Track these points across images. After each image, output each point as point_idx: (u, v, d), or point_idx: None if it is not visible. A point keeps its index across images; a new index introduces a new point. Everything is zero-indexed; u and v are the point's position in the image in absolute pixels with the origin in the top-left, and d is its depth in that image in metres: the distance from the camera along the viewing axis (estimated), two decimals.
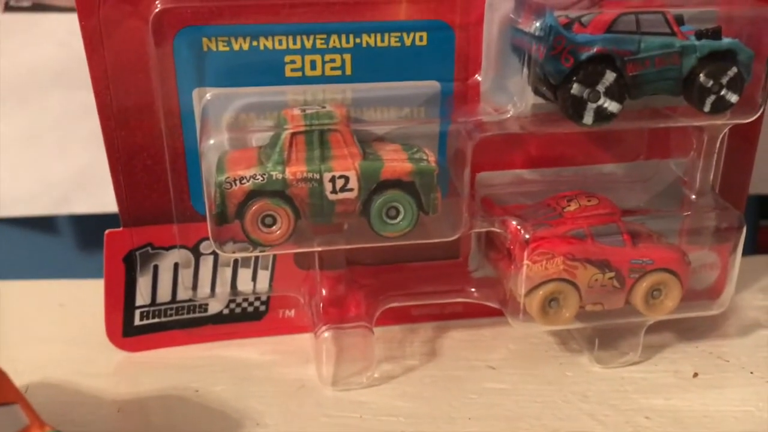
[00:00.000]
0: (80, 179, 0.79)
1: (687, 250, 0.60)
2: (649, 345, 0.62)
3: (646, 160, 0.62)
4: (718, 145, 0.58)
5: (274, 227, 0.52)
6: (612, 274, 0.57)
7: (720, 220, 0.58)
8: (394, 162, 0.53)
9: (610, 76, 0.51)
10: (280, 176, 0.51)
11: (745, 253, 0.78)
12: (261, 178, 0.51)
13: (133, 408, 0.57)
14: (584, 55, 0.51)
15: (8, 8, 0.76)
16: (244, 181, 0.51)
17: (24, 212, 0.82)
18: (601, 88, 0.51)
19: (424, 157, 0.54)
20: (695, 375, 0.60)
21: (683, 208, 0.60)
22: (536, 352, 0.63)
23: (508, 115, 0.54)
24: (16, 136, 0.79)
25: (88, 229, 0.85)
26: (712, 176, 0.59)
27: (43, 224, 0.84)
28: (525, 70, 0.53)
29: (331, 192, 0.52)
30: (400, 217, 0.54)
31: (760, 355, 0.62)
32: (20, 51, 0.77)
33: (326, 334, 0.57)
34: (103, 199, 0.78)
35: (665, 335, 0.64)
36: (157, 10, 0.52)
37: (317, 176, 0.52)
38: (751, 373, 0.60)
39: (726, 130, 0.57)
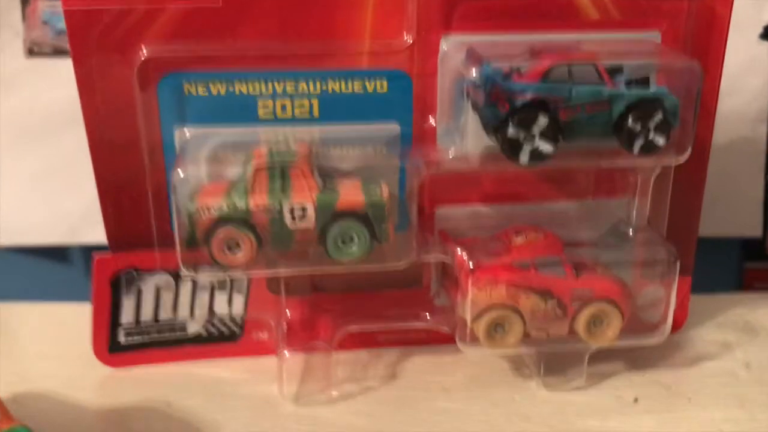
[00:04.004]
0: (90, 212, 0.86)
1: (640, 284, 0.64)
2: (598, 372, 0.66)
3: (594, 198, 0.67)
4: (651, 185, 0.62)
5: (238, 253, 0.58)
6: (554, 302, 0.61)
7: (654, 255, 0.62)
8: (349, 195, 0.58)
9: (543, 121, 0.56)
10: (243, 206, 0.57)
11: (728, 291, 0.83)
12: (226, 208, 0.57)
13: (113, 417, 0.62)
14: (519, 102, 0.56)
15: (31, 54, 0.84)
16: (212, 210, 0.57)
17: (37, 241, 0.88)
18: (535, 131, 0.57)
19: (378, 191, 0.59)
20: (635, 400, 0.63)
21: (624, 245, 0.64)
22: (489, 377, 0.67)
23: (450, 156, 0.59)
24: (33, 171, 0.86)
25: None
26: (648, 214, 0.63)
27: (55, 253, 0.91)
28: (470, 114, 0.58)
29: (291, 221, 0.58)
30: (355, 245, 0.59)
31: (701, 384, 0.65)
32: (40, 93, 0.84)
33: (286, 355, 0.62)
34: None
35: (616, 364, 0.68)
36: (143, 58, 0.59)
37: (278, 206, 0.57)
38: (689, 399, 0.63)
39: (658, 170, 0.62)
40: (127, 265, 0.65)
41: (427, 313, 0.66)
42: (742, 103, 0.86)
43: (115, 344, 0.67)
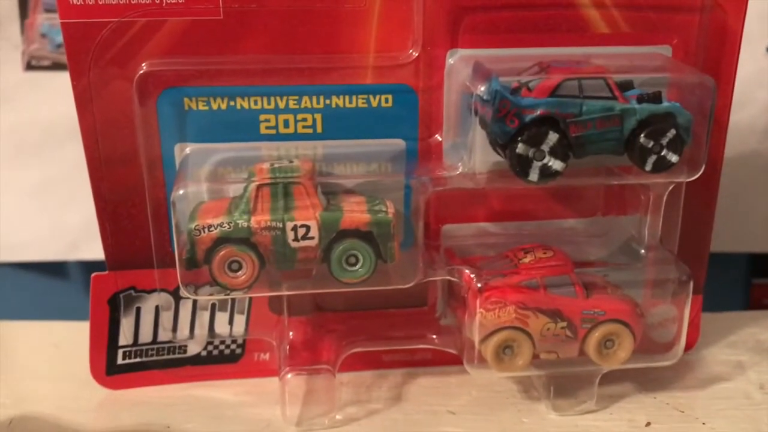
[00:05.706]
0: (90, 227, 0.84)
1: (650, 303, 0.62)
2: (609, 394, 0.65)
3: (604, 216, 0.65)
4: (663, 202, 0.61)
5: (239, 272, 0.56)
6: (564, 323, 0.59)
7: (666, 275, 0.61)
8: (354, 213, 0.57)
9: (553, 137, 0.55)
10: (245, 225, 0.55)
11: (736, 309, 0.81)
12: (228, 227, 0.55)
13: None
14: (528, 118, 0.54)
15: (29, 67, 0.83)
16: (212, 228, 0.55)
17: (36, 257, 0.87)
18: (545, 147, 0.55)
19: (383, 209, 0.58)
20: (648, 424, 0.61)
21: (635, 264, 0.62)
22: (497, 399, 0.65)
23: (457, 172, 0.57)
24: (32, 186, 0.84)
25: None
26: (660, 232, 0.62)
27: (54, 269, 0.89)
28: (478, 130, 0.57)
29: (293, 240, 0.56)
30: (359, 264, 0.57)
31: (715, 408, 0.64)
32: (39, 107, 0.83)
33: (289, 376, 0.60)
34: None
35: (626, 386, 0.66)
36: (141, 72, 0.57)
37: (280, 225, 0.56)
38: (703, 424, 0.62)
39: (671, 188, 0.60)
40: (126, 284, 0.64)
41: (434, 334, 0.64)
42: (751, 116, 0.85)
43: (113, 365, 0.66)
